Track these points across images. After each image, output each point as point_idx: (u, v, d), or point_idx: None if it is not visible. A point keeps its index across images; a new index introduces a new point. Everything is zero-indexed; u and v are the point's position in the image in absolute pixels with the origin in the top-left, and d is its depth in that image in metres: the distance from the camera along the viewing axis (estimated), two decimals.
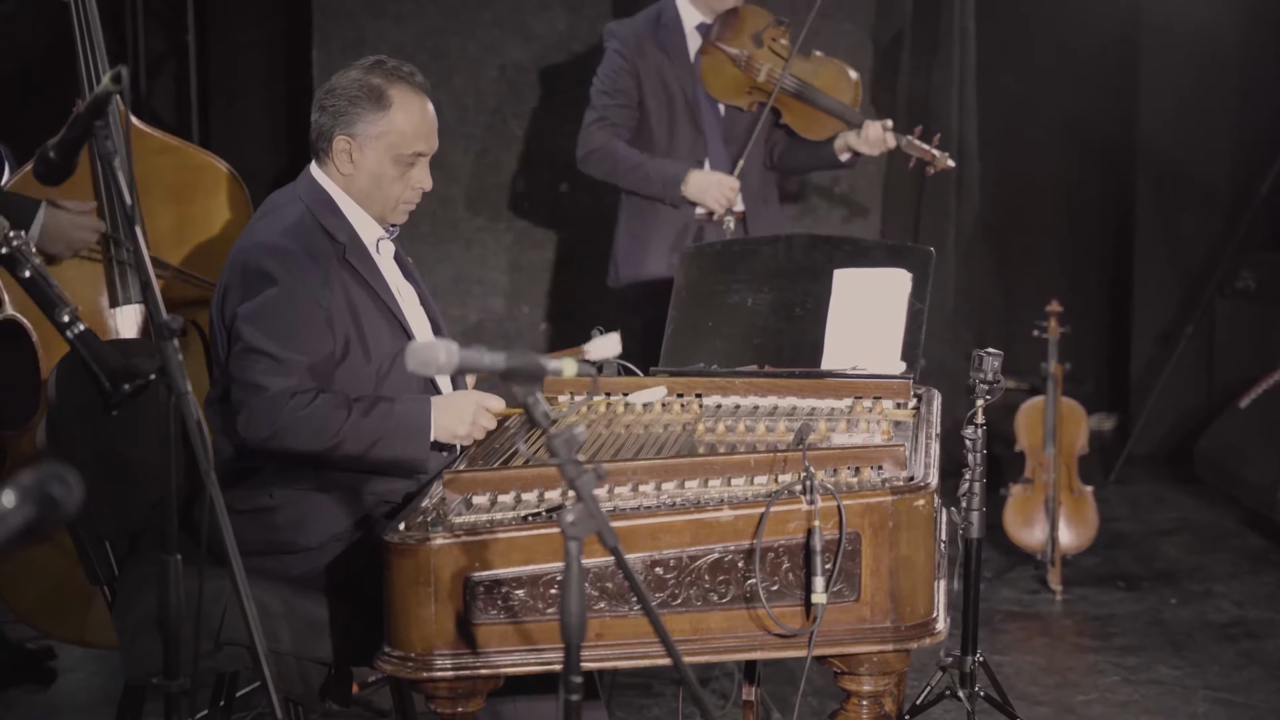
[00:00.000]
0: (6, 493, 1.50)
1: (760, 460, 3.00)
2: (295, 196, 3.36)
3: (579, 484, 2.30)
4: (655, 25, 5.04)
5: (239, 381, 3.18)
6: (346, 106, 3.30)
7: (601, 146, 4.98)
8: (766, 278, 3.87)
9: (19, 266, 2.67)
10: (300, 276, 3.20)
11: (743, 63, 4.95)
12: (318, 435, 3.13)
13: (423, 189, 3.39)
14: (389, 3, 5.99)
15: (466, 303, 6.19)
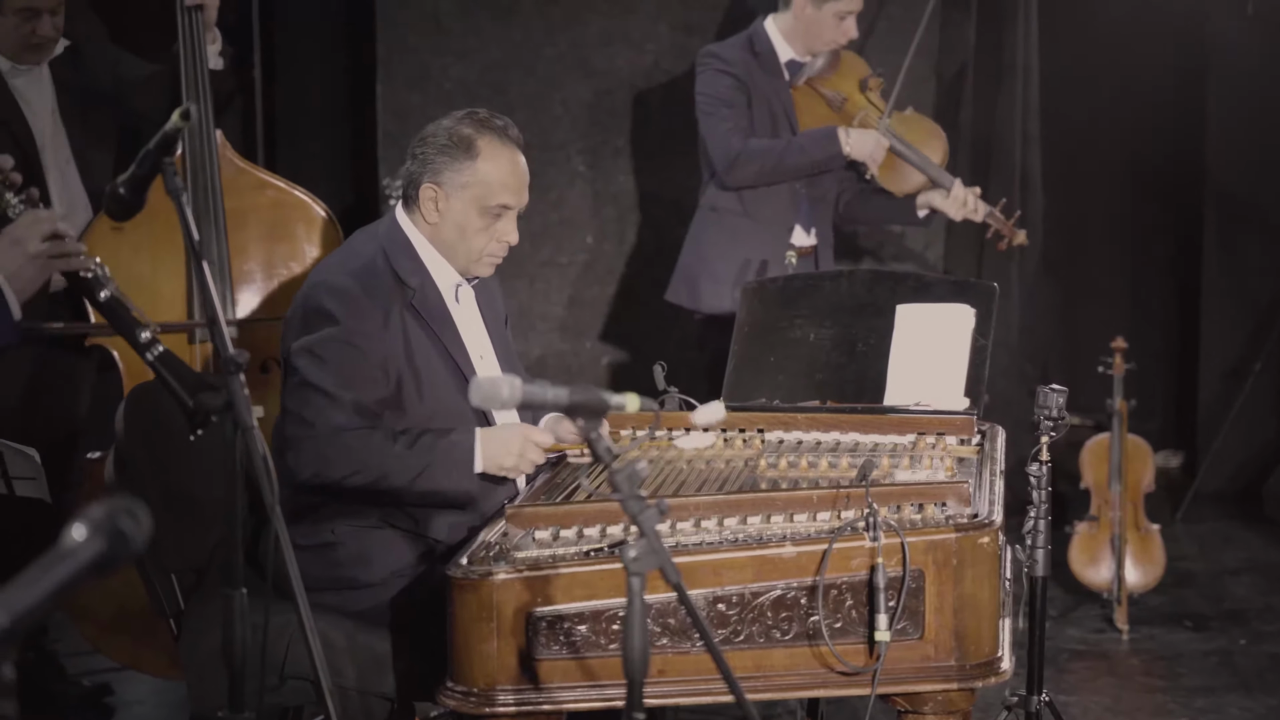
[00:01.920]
0: (77, 526, 1.52)
1: (823, 496, 2.99)
2: (374, 236, 3.38)
3: (642, 519, 2.30)
4: (751, 51, 5.07)
5: (291, 416, 3.21)
6: (435, 155, 3.31)
7: (746, 147, 4.96)
8: (828, 313, 3.86)
9: (97, 290, 2.70)
10: (359, 317, 3.21)
11: (838, 105, 5.00)
12: (363, 468, 3.14)
13: (509, 242, 3.38)
14: (452, 39, 6.04)
15: (529, 337, 6.21)
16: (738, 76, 5.03)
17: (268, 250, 4.27)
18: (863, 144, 4.96)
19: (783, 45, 5.09)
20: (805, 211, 5.10)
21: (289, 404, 3.22)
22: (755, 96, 5.04)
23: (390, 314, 3.26)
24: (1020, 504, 3.60)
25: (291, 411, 3.21)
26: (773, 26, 5.10)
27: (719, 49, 5.14)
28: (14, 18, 4.14)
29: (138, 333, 2.69)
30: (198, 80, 4.15)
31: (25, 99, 4.25)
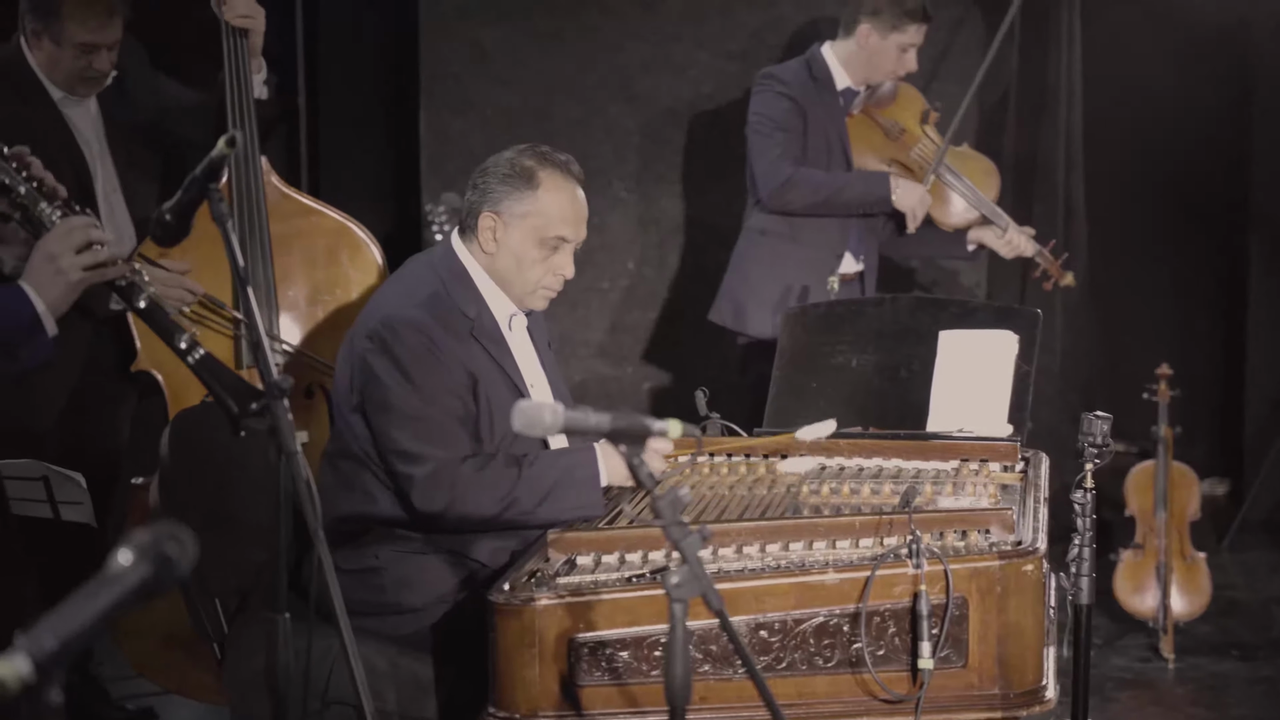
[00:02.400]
0: (123, 551, 1.53)
1: (865, 523, 2.98)
2: (431, 267, 3.39)
3: (684, 546, 2.30)
4: (809, 75, 5.08)
5: (397, 453, 3.19)
6: (495, 185, 3.34)
7: (794, 174, 4.96)
8: (871, 339, 3.86)
9: (136, 296, 2.70)
10: (439, 346, 3.23)
11: (895, 135, 5.01)
12: (492, 497, 3.16)
13: (564, 276, 3.39)
14: (494, 65, 6.06)
15: (571, 363, 6.22)
16: (796, 100, 5.02)
17: (311, 275, 4.29)
18: (908, 197, 4.97)
19: (840, 72, 5.09)
20: (855, 238, 5.10)
21: (390, 442, 3.20)
22: (811, 122, 5.04)
23: (460, 342, 3.29)
24: (1064, 531, 3.58)
25: (400, 452, 3.20)
26: (830, 53, 5.10)
27: (779, 71, 5.14)
28: (72, 50, 4.18)
29: (177, 337, 2.69)
30: (243, 107, 4.17)
31: (77, 128, 4.30)
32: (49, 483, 3.57)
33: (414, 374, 3.21)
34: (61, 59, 4.20)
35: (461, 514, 3.17)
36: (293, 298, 4.25)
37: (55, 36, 4.16)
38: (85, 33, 4.16)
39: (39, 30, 4.17)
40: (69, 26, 4.14)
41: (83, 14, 4.14)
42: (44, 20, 4.16)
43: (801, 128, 5.02)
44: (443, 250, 3.42)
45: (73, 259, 2.62)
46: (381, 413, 3.23)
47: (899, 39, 4.99)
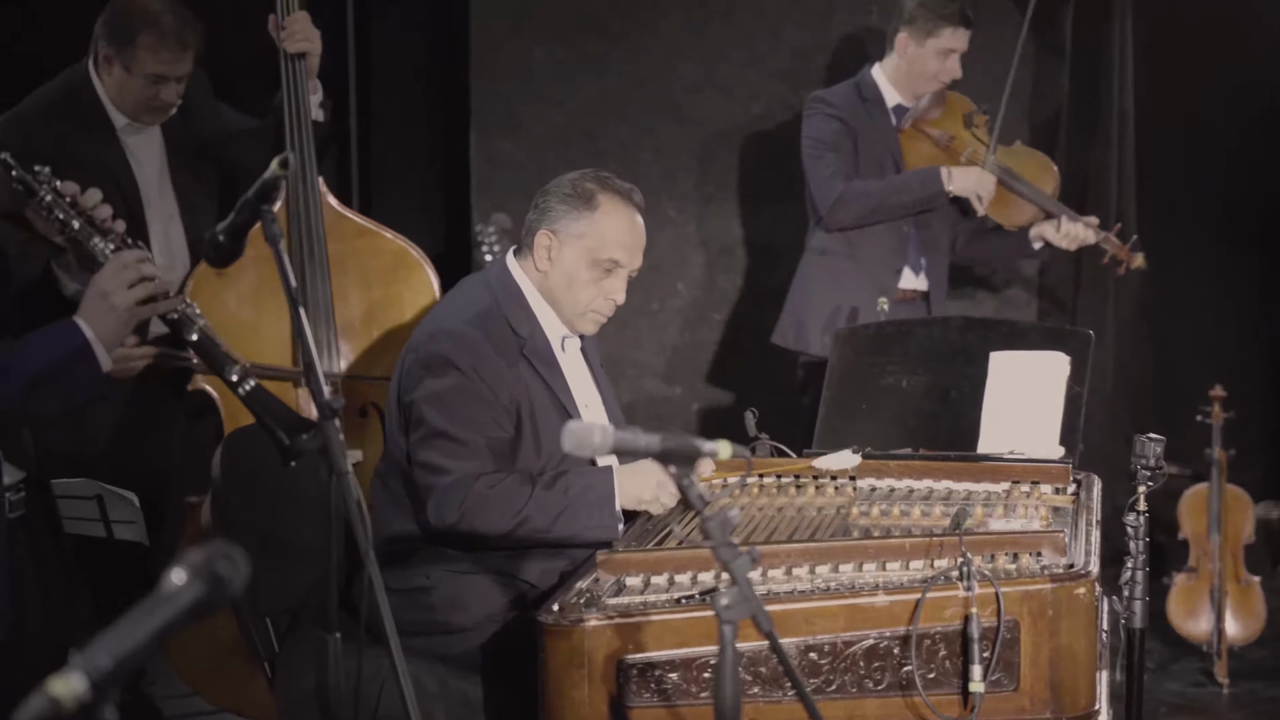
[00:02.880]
0: (177, 571, 1.54)
1: (916, 545, 2.96)
2: (486, 285, 3.41)
3: (734, 567, 2.30)
4: (859, 96, 5.10)
5: (423, 465, 3.22)
6: (555, 204, 3.36)
7: (845, 190, 4.98)
8: (921, 360, 3.85)
9: (188, 329, 2.73)
10: (483, 364, 3.25)
11: (945, 144, 5.01)
12: (503, 513, 3.17)
13: (615, 301, 3.40)
14: (544, 86, 6.08)
15: (620, 384, 6.21)
16: (844, 120, 5.04)
17: (367, 295, 4.31)
18: (965, 180, 4.95)
19: (889, 90, 5.10)
20: (915, 253, 5.09)
21: (420, 454, 3.23)
22: (862, 141, 5.05)
23: (510, 361, 3.30)
24: (1117, 554, 3.55)
25: (423, 462, 3.22)
26: (879, 73, 5.13)
27: (827, 94, 5.17)
28: (142, 80, 4.22)
29: (228, 369, 2.71)
30: (301, 130, 4.21)
31: (136, 156, 4.33)
32: (102, 501, 3.60)
33: (448, 390, 3.23)
34: (130, 86, 4.24)
35: (472, 529, 3.17)
36: (348, 318, 4.27)
37: (126, 64, 4.20)
38: (157, 64, 4.20)
39: (111, 56, 4.22)
40: (141, 55, 4.18)
41: (157, 45, 4.18)
42: (117, 46, 4.20)
43: (852, 147, 5.04)
44: (498, 269, 3.43)
45: (125, 295, 2.65)
46: (416, 426, 3.26)
47: (935, 44, 5.01)
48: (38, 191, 2.66)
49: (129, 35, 4.19)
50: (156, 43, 4.18)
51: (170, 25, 4.18)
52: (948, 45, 5.00)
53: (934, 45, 5.01)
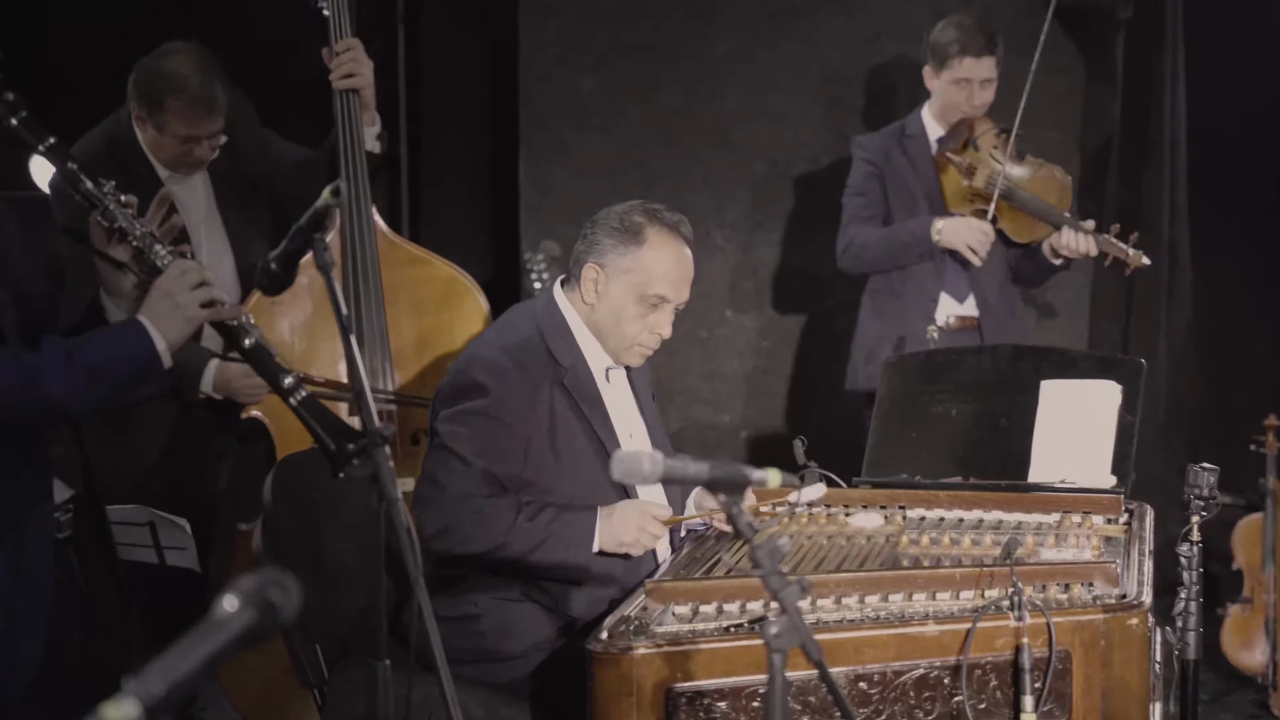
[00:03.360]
0: (229, 597, 1.55)
1: (966, 575, 2.95)
2: (531, 315, 3.43)
3: (783, 596, 2.29)
4: (901, 136, 5.19)
5: (425, 476, 3.26)
6: (603, 237, 3.36)
7: (853, 239, 5.13)
8: (971, 388, 3.83)
9: (242, 337, 2.75)
10: (509, 393, 3.26)
11: (965, 170, 5.02)
12: (485, 536, 3.20)
13: (661, 335, 3.40)
14: (593, 114, 6.10)
15: (668, 411, 6.22)
16: (873, 162, 5.16)
17: (418, 323, 4.33)
18: (954, 233, 4.99)
19: (933, 125, 5.17)
20: (956, 280, 5.09)
21: (426, 465, 3.29)
22: (892, 180, 5.14)
23: (540, 391, 3.30)
24: (1170, 585, 3.52)
25: (426, 472, 3.29)
26: (925, 108, 5.20)
27: (865, 139, 5.30)
28: (173, 140, 4.25)
29: (282, 378, 2.73)
30: (355, 161, 4.23)
31: (182, 203, 4.35)
32: (154, 528, 3.62)
33: (470, 414, 3.25)
34: (163, 144, 4.28)
35: (449, 546, 3.20)
36: (401, 345, 4.29)
37: (158, 125, 4.24)
38: (186, 127, 4.23)
39: (143, 117, 4.25)
40: (171, 120, 4.21)
41: (184, 111, 4.20)
42: (147, 109, 4.23)
43: (879, 188, 5.15)
44: (545, 299, 3.44)
45: (188, 295, 2.68)
46: (431, 437, 3.31)
47: (950, 75, 5.07)
48: (102, 203, 2.70)
49: (157, 99, 4.21)
50: (184, 107, 4.20)
51: (197, 89, 4.19)
52: (962, 75, 5.05)
53: (948, 76, 5.08)
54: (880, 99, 5.92)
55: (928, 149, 5.14)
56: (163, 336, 2.65)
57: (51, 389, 2.56)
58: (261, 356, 2.75)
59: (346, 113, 4.22)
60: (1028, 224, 5.01)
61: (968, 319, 5.09)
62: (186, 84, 4.19)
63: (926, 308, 5.07)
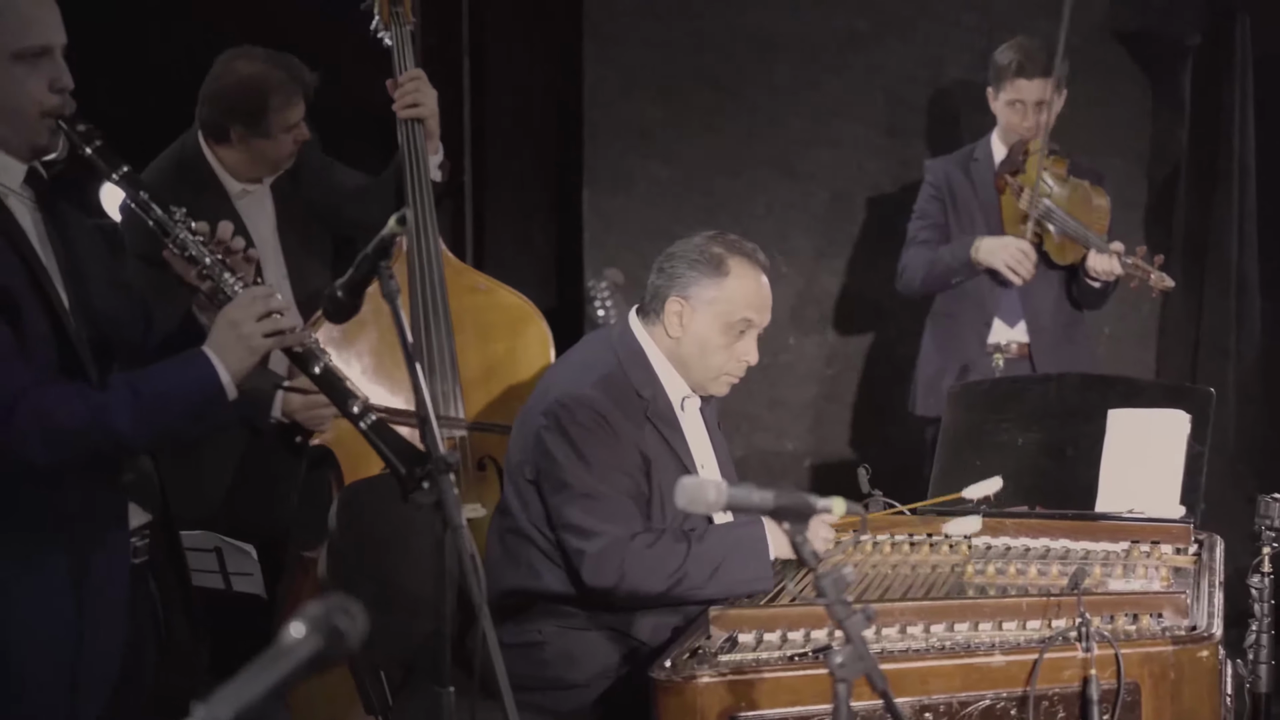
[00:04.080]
0: (295, 624, 1.55)
1: (1032, 604, 2.92)
2: (608, 345, 3.44)
3: (848, 625, 2.28)
4: (968, 160, 5.22)
5: (570, 528, 3.23)
6: (685, 270, 3.37)
7: (907, 262, 5.18)
8: (1037, 417, 3.81)
9: (312, 363, 2.75)
10: (614, 424, 3.27)
11: (1016, 191, 5.03)
12: (661, 572, 3.17)
13: (748, 362, 3.42)
14: (657, 141, 6.11)
15: (731, 438, 6.18)
16: (935, 185, 5.21)
17: (484, 350, 4.35)
18: (991, 252, 4.98)
19: (998, 148, 5.19)
20: (1007, 305, 5.07)
21: (565, 517, 3.24)
22: (957, 203, 5.16)
23: (637, 423, 3.32)
24: (1240, 617, 3.48)
25: (570, 524, 3.23)
26: (994, 134, 5.23)
27: (933, 162, 5.35)
28: (282, 136, 4.30)
29: (351, 402, 2.74)
30: (420, 189, 4.26)
31: (251, 219, 4.40)
32: (221, 554, 3.65)
33: (587, 452, 3.24)
34: (269, 149, 4.30)
35: (632, 590, 3.18)
36: (467, 372, 4.31)
37: (265, 132, 4.26)
38: (293, 115, 4.28)
39: (245, 135, 4.27)
40: (275, 119, 4.24)
41: (286, 101, 4.26)
42: (252, 124, 4.24)
43: (940, 210, 5.18)
44: (621, 330, 3.45)
45: (254, 325, 2.68)
46: (556, 490, 3.26)
47: (1005, 97, 5.10)
48: (173, 231, 2.72)
49: (260, 108, 4.24)
50: (285, 100, 4.26)
51: (287, 78, 4.26)
52: (1014, 97, 5.07)
53: (1003, 98, 5.11)
54: (944, 125, 5.90)
55: (992, 171, 5.16)
56: (227, 367, 2.65)
57: (119, 424, 2.57)
58: (331, 382, 2.76)
59: (411, 141, 4.25)
60: (1066, 245, 5.01)
61: (1014, 345, 5.06)
62: (275, 78, 4.24)
63: (980, 332, 5.08)
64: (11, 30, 2.60)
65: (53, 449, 2.54)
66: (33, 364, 2.59)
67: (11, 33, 2.60)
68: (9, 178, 2.68)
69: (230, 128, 4.28)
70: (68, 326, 2.66)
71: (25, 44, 2.61)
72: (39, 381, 2.57)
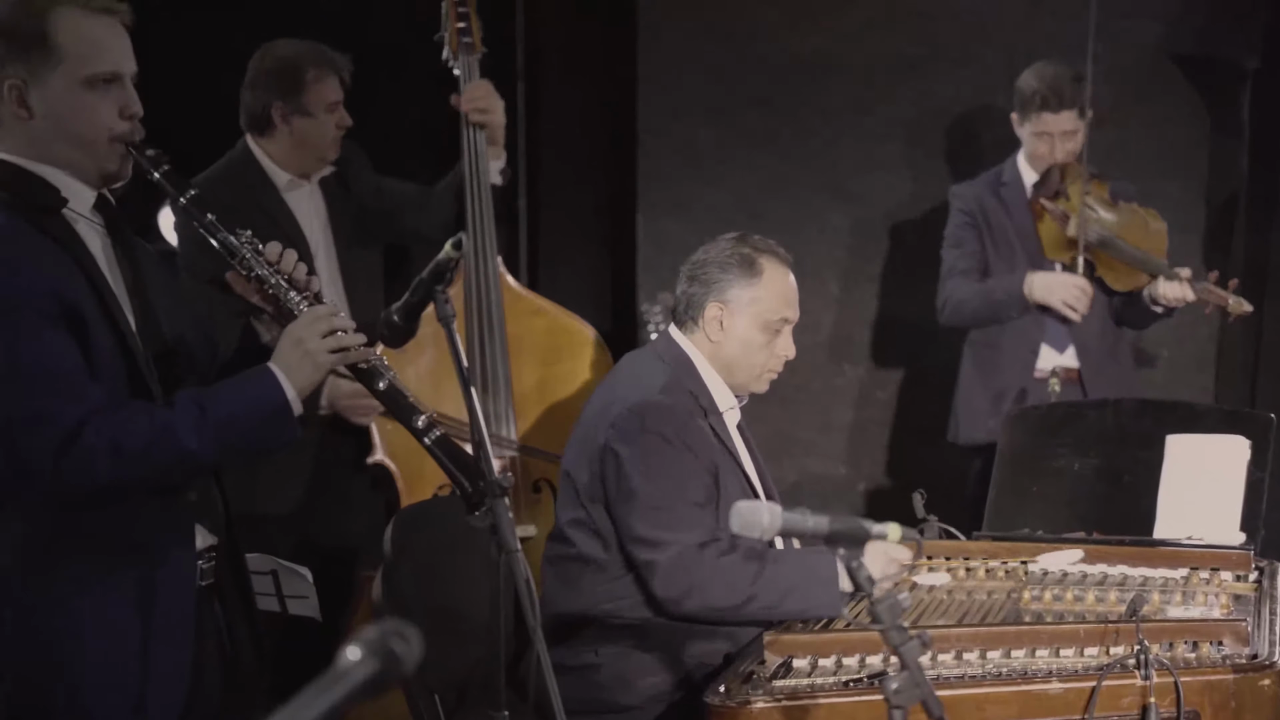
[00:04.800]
0: (351, 648, 1.56)
1: (1090, 631, 2.90)
2: (656, 358, 3.46)
3: (904, 651, 2.26)
4: (997, 184, 5.16)
5: (639, 540, 3.23)
6: (719, 274, 3.41)
7: (950, 295, 5.11)
8: (1093, 442, 3.79)
9: (376, 379, 2.76)
10: (685, 432, 3.29)
11: (1058, 217, 4.97)
12: (732, 588, 3.18)
13: (786, 357, 3.47)
14: (708, 166, 6.12)
15: (783, 462, 6.19)
16: (967, 211, 5.14)
17: (541, 373, 4.37)
18: (1049, 289, 4.92)
19: (1027, 171, 5.13)
20: (1056, 331, 5.03)
21: (635, 529, 3.25)
22: (991, 228, 5.11)
23: (703, 429, 3.35)
24: None
25: (640, 536, 3.24)
26: (1020, 156, 5.17)
27: (958, 186, 5.29)
28: (324, 115, 4.35)
29: (415, 418, 2.74)
30: (480, 201, 4.31)
31: (301, 210, 4.45)
32: (277, 577, 3.66)
33: (656, 461, 3.26)
34: (313, 131, 4.36)
35: (702, 603, 3.18)
36: (522, 394, 4.32)
37: (306, 108, 4.34)
38: (330, 91, 4.35)
39: (287, 112, 4.34)
40: (314, 90, 4.33)
41: (322, 74, 4.35)
42: (292, 96, 4.33)
43: (977, 237, 5.12)
44: (664, 342, 3.47)
45: (319, 343, 2.69)
46: (624, 500, 3.27)
47: (1031, 128, 5.06)
48: (239, 252, 2.74)
49: (297, 80, 4.33)
50: (321, 72, 4.35)
51: (319, 54, 4.35)
52: (1044, 128, 5.02)
53: (1030, 129, 5.07)
54: (998, 150, 5.87)
55: (1023, 195, 5.10)
56: (293, 384, 2.66)
57: (186, 442, 2.59)
58: (395, 398, 2.76)
59: (473, 147, 4.32)
60: (1126, 272, 4.95)
61: (1065, 370, 5.02)
62: (309, 54, 4.34)
63: (1026, 360, 5.02)
64: (84, 57, 2.64)
65: (120, 468, 2.56)
66: (101, 385, 2.61)
67: (83, 59, 2.64)
68: (79, 203, 2.71)
69: (270, 107, 4.35)
70: (135, 350, 2.68)
71: (96, 70, 2.65)
72: (107, 402, 2.59)
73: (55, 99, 2.64)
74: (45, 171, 2.67)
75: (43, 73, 2.63)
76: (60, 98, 2.64)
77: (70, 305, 2.60)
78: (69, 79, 2.64)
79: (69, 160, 2.67)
